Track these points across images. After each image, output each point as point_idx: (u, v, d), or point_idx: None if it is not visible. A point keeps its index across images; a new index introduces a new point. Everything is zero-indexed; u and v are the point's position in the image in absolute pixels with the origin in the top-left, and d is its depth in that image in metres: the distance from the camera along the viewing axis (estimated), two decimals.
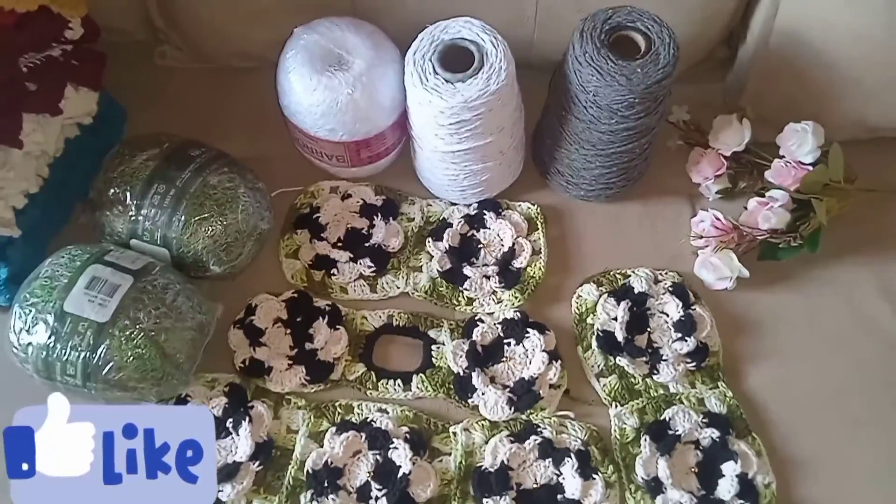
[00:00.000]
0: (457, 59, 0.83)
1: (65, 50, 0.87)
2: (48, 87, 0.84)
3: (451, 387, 0.84)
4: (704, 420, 0.82)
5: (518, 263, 0.91)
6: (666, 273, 0.91)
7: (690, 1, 0.94)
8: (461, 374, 0.84)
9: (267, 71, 0.90)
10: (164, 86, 1.04)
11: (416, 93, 0.82)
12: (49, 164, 0.86)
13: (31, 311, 0.75)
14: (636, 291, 0.89)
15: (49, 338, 0.74)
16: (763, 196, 0.91)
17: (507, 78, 0.81)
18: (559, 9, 0.93)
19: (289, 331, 0.86)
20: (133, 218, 0.82)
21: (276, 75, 0.88)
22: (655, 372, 0.85)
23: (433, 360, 0.86)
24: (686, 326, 0.86)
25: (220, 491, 0.76)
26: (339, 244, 0.92)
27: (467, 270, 0.90)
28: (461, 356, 0.84)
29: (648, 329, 0.87)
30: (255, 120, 0.99)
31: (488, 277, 0.90)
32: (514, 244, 0.92)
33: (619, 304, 0.87)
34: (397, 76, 0.86)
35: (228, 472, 0.77)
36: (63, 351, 0.74)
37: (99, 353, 0.74)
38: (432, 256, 0.91)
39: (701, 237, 0.91)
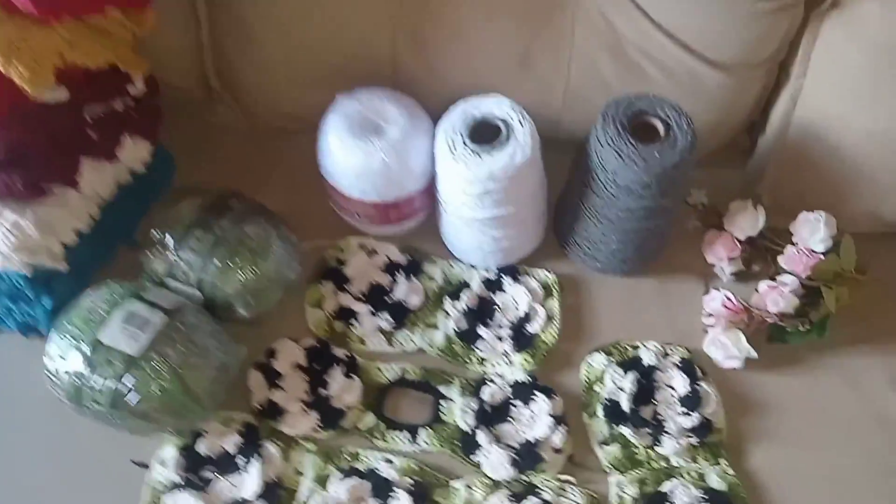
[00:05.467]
0: (486, 133, 0.88)
1: (126, 103, 0.95)
2: (107, 135, 0.92)
3: (457, 443, 0.86)
4: (704, 496, 0.83)
5: (531, 328, 0.94)
6: (675, 348, 0.93)
7: (711, 92, 0.99)
8: (467, 431, 0.86)
9: (312, 133, 0.96)
10: (214, 142, 1.10)
11: (446, 162, 0.88)
12: (100, 206, 0.93)
13: (68, 339, 0.80)
14: (644, 364, 0.91)
15: (83, 366, 0.79)
16: (776, 280, 0.94)
17: (531, 153, 0.86)
18: (587, 92, 0.99)
19: (306, 377, 0.90)
20: (172, 260, 0.88)
21: (317, 137, 0.95)
22: (658, 444, 0.86)
23: (442, 415, 0.88)
24: (691, 401, 0.88)
25: None
26: (362, 297, 0.96)
27: (482, 331, 0.93)
28: (469, 413, 0.87)
29: (654, 401, 0.89)
30: (296, 178, 1.04)
31: (501, 339, 0.93)
32: (529, 309, 0.95)
33: (626, 375, 0.90)
34: (429, 146, 0.92)
35: None
36: (94, 379, 0.78)
37: (127, 382, 0.78)
38: (449, 315, 0.95)
39: (711, 315, 0.94)
